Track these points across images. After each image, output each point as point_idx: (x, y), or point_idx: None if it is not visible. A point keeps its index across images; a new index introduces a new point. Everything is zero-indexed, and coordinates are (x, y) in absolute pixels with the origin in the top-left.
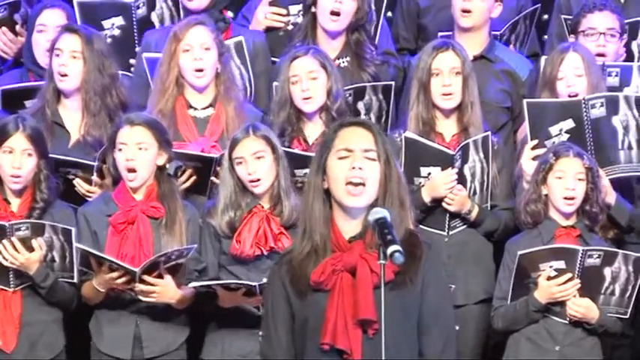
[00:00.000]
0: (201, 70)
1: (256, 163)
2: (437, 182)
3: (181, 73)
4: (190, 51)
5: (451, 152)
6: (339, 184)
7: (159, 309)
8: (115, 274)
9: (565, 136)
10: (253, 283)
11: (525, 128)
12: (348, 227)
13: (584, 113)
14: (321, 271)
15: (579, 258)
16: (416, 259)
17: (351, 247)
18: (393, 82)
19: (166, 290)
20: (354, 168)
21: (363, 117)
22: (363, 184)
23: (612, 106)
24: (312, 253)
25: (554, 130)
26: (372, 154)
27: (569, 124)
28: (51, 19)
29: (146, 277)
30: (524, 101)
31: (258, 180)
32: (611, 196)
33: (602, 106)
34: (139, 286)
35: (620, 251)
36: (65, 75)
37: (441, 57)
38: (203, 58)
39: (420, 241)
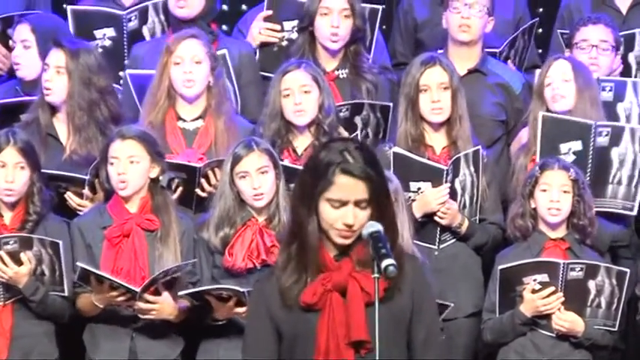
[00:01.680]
0: (190, 81)
1: (261, 177)
2: (429, 198)
3: (172, 85)
4: (181, 64)
5: (442, 167)
6: (329, 226)
7: (154, 324)
8: (115, 293)
9: (571, 157)
10: (242, 290)
11: (519, 140)
12: (332, 247)
13: (592, 139)
14: (312, 293)
15: (561, 271)
16: (401, 274)
17: (340, 266)
18: (391, 104)
19: (165, 307)
20: (345, 224)
21: (357, 134)
22: (354, 232)
23: (616, 136)
24: (302, 272)
25: (563, 147)
26: (364, 203)
27: (577, 145)
28: (17, 33)
29: (146, 296)
30: (540, 114)
31: (262, 194)
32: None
33: (607, 135)
34: (139, 305)
35: (602, 264)
36: (50, 89)
37: (429, 72)
38: (193, 71)
39: (405, 257)
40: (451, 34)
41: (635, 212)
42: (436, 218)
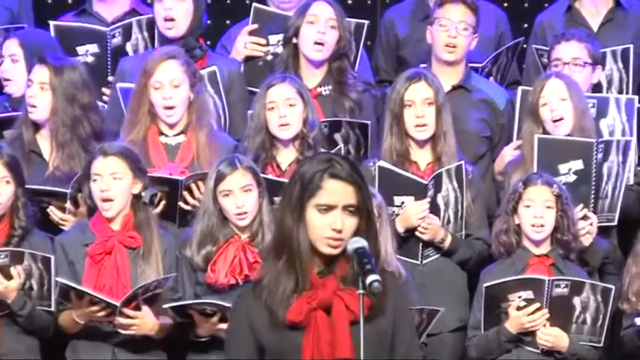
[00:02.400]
0: (171, 108)
1: (245, 196)
2: (409, 212)
3: (153, 106)
4: (160, 89)
5: (424, 182)
6: (317, 235)
7: (136, 338)
8: (95, 308)
9: (572, 177)
10: (227, 304)
11: (502, 158)
12: (316, 263)
13: (594, 156)
14: (297, 311)
15: (546, 288)
16: (384, 292)
17: (324, 284)
18: (369, 122)
19: (145, 322)
20: (334, 230)
21: (339, 149)
22: (342, 239)
23: (606, 151)
24: (289, 289)
25: (563, 168)
26: (352, 208)
27: (578, 164)
28: (5, 48)
29: (126, 310)
30: (536, 137)
31: (246, 213)
32: (586, 239)
33: (601, 151)
34: (119, 320)
35: (587, 281)
36: (34, 106)
37: (414, 88)
38: (173, 96)
39: (386, 274)
40: (436, 53)
41: (615, 222)
42: (417, 233)
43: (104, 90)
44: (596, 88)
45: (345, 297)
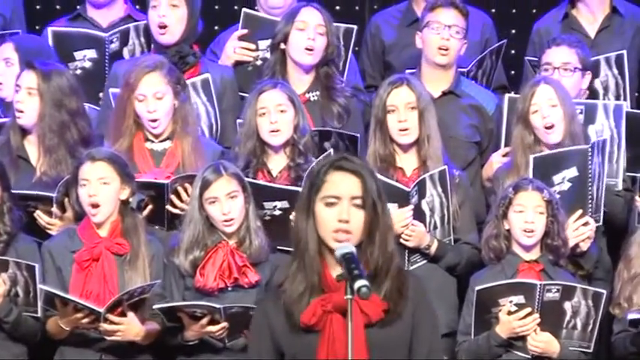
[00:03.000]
0: (155, 121)
1: (231, 202)
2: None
3: (138, 117)
4: (144, 101)
5: (406, 189)
6: (326, 230)
7: (123, 344)
8: (79, 315)
9: (567, 185)
10: (217, 306)
11: (491, 165)
12: (335, 266)
13: (589, 161)
14: (311, 313)
15: (538, 292)
16: (403, 296)
17: (340, 287)
18: (359, 135)
19: (130, 328)
20: (340, 220)
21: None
22: (350, 233)
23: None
24: (306, 291)
25: (557, 178)
26: (358, 200)
27: (572, 172)
28: (0, 52)
29: (110, 317)
30: (531, 157)
31: (232, 220)
32: (585, 244)
33: (598, 155)
34: (104, 326)
35: (579, 285)
36: (22, 111)
37: (396, 93)
38: (157, 109)
39: (407, 277)
40: (428, 56)
41: (600, 222)
42: (402, 240)
43: (101, 95)
44: (593, 95)
45: (360, 300)
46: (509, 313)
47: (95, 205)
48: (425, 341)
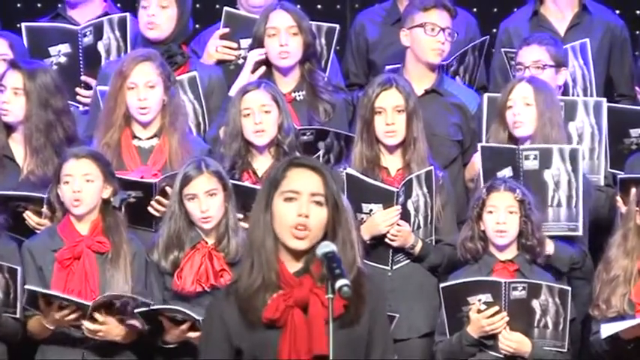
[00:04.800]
0: (145, 108)
1: (209, 200)
2: (377, 220)
3: (128, 110)
4: (135, 89)
5: (392, 189)
6: (284, 225)
7: (105, 343)
8: (65, 312)
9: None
10: (197, 317)
11: (474, 165)
12: (292, 263)
13: (518, 163)
14: (274, 308)
15: (503, 290)
16: (362, 298)
17: (301, 282)
18: (355, 136)
19: (112, 328)
20: (299, 215)
21: (318, 156)
22: (308, 229)
23: (545, 158)
24: (261, 288)
25: (500, 175)
26: (319, 197)
27: (508, 172)
28: None
29: (96, 315)
30: (479, 145)
31: (210, 217)
32: (549, 246)
33: (535, 158)
34: (87, 325)
35: (544, 283)
36: (7, 110)
37: (384, 95)
38: (148, 97)
39: (365, 278)
40: (419, 55)
41: (580, 232)
42: (387, 240)
43: (78, 90)
44: (564, 88)
45: (321, 295)
46: (479, 311)
47: (77, 200)
48: (379, 342)
